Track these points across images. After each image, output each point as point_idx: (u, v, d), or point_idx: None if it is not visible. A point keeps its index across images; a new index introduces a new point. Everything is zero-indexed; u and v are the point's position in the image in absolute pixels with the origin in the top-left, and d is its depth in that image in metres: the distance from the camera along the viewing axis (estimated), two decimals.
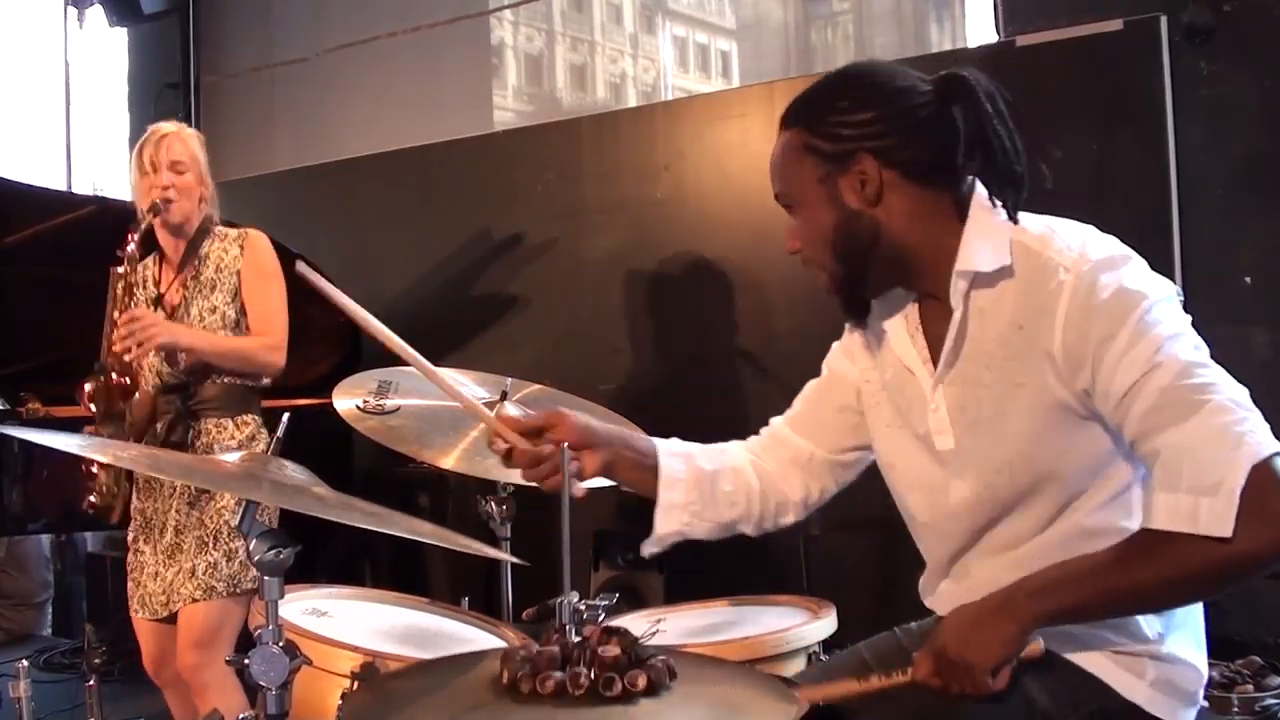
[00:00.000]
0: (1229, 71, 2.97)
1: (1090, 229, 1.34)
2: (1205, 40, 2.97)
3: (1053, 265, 1.29)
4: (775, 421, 1.68)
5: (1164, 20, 2.98)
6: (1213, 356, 1.24)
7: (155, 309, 2.48)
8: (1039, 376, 1.30)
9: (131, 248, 2.46)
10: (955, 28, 3.76)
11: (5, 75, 5.51)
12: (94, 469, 2.45)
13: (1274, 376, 2.70)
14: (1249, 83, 2.95)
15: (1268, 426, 1.17)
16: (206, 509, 2.43)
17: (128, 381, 2.43)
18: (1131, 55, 3.01)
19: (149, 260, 2.60)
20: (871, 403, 1.53)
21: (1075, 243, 1.30)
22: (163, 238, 2.57)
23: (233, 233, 2.62)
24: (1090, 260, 1.27)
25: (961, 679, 1.26)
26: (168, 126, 2.58)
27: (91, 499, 2.46)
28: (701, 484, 1.57)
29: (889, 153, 1.34)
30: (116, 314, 2.43)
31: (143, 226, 2.47)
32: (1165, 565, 1.19)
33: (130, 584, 2.50)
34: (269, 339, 2.53)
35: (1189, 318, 1.28)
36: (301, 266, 1.37)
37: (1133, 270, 1.27)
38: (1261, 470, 1.13)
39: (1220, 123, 2.97)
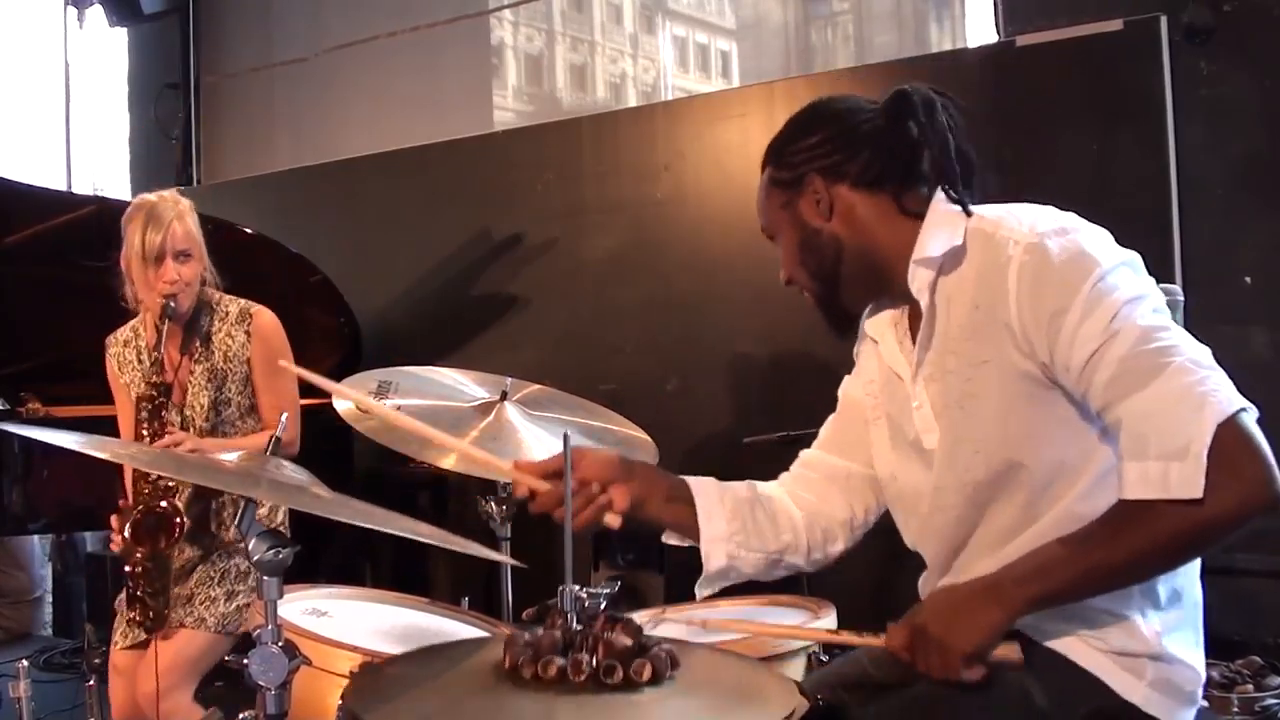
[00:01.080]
0: (1229, 71, 2.97)
1: (1047, 208, 1.37)
2: (1205, 40, 2.97)
3: (1004, 240, 1.32)
4: (804, 452, 1.67)
5: (1164, 20, 2.98)
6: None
7: (167, 398, 2.37)
8: (1000, 350, 1.32)
9: (159, 361, 2.34)
10: (955, 28, 3.76)
11: (5, 75, 5.51)
12: (140, 594, 2.34)
13: (1274, 376, 2.70)
14: (1249, 83, 2.95)
15: (1231, 384, 1.18)
16: (216, 549, 2.42)
17: (176, 517, 2.29)
18: (1131, 55, 3.01)
19: (140, 335, 2.49)
20: (873, 418, 1.55)
21: (1026, 219, 1.34)
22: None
23: (235, 310, 2.48)
24: (1039, 231, 1.30)
25: (934, 659, 1.27)
26: (165, 205, 2.38)
27: (138, 619, 2.36)
28: (741, 512, 1.55)
29: (835, 169, 1.45)
30: (146, 439, 2.32)
31: (164, 340, 2.34)
32: (1143, 534, 1.19)
33: (118, 618, 2.45)
34: (286, 434, 2.47)
35: (1150, 280, 1.29)
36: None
37: (1084, 237, 1.29)
38: (1227, 428, 1.14)
39: (1220, 123, 2.97)
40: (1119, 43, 3.01)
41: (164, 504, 2.29)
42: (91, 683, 2.49)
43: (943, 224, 1.39)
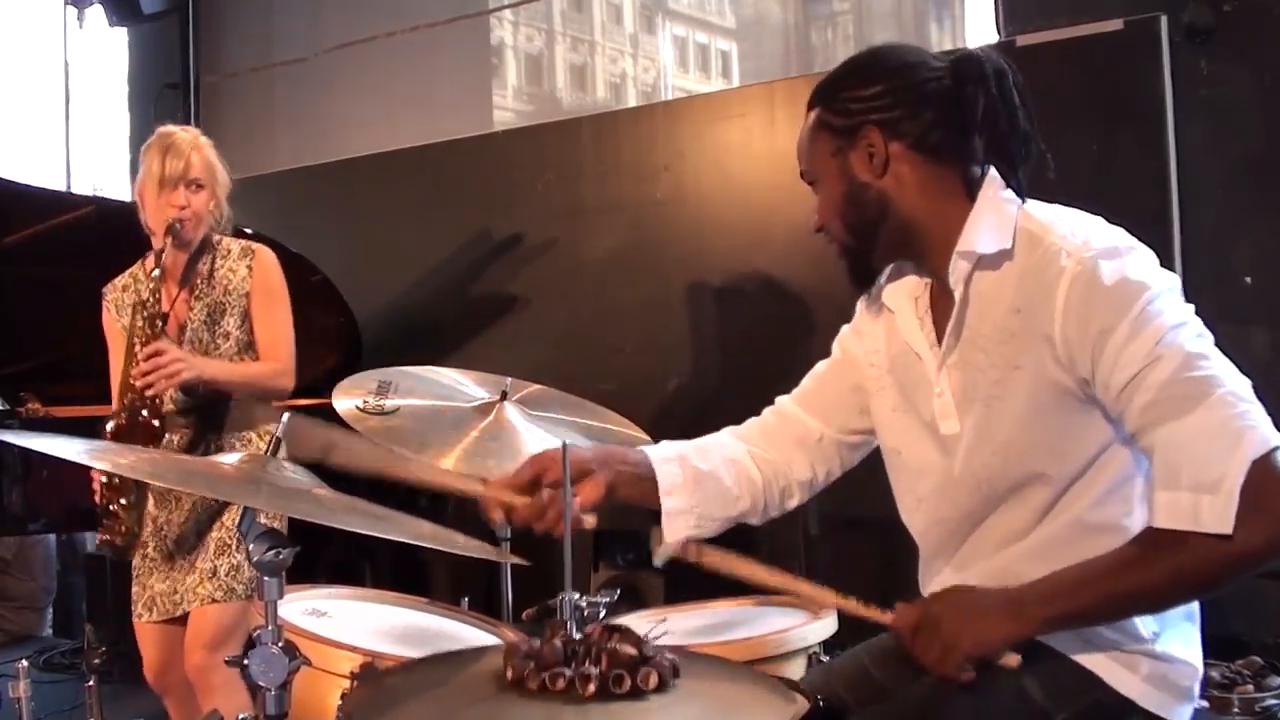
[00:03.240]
0: (1229, 71, 2.97)
1: (1097, 219, 1.35)
2: (1205, 40, 2.97)
3: (1054, 250, 1.29)
4: (782, 400, 1.66)
5: (1164, 20, 2.98)
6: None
7: (161, 326, 2.38)
8: (1037, 360, 1.30)
9: (156, 272, 2.35)
10: (955, 28, 3.76)
11: (5, 75, 5.51)
12: (114, 508, 2.36)
13: (1274, 376, 2.70)
14: (1249, 83, 2.95)
15: (1269, 420, 1.17)
16: (229, 512, 2.41)
17: (156, 424, 2.32)
18: (1131, 55, 3.01)
19: (138, 279, 2.50)
20: (876, 386, 1.53)
21: (1080, 230, 1.31)
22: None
23: (236, 248, 2.52)
24: (1093, 248, 1.27)
25: (937, 653, 1.27)
26: (185, 136, 2.44)
27: (108, 538, 2.36)
28: (702, 484, 1.55)
29: (895, 124, 1.37)
30: (138, 347, 2.33)
31: (164, 256, 2.36)
32: (1168, 565, 1.18)
33: (136, 588, 2.47)
34: (278, 364, 2.49)
35: (1189, 307, 1.27)
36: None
37: (1136, 260, 1.27)
38: (1262, 465, 1.12)
39: (1220, 123, 2.97)
40: (1119, 43, 3.01)
41: (145, 412, 2.32)
42: (91, 683, 2.49)
43: (993, 215, 1.35)
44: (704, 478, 1.56)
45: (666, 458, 1.57)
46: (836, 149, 1.41)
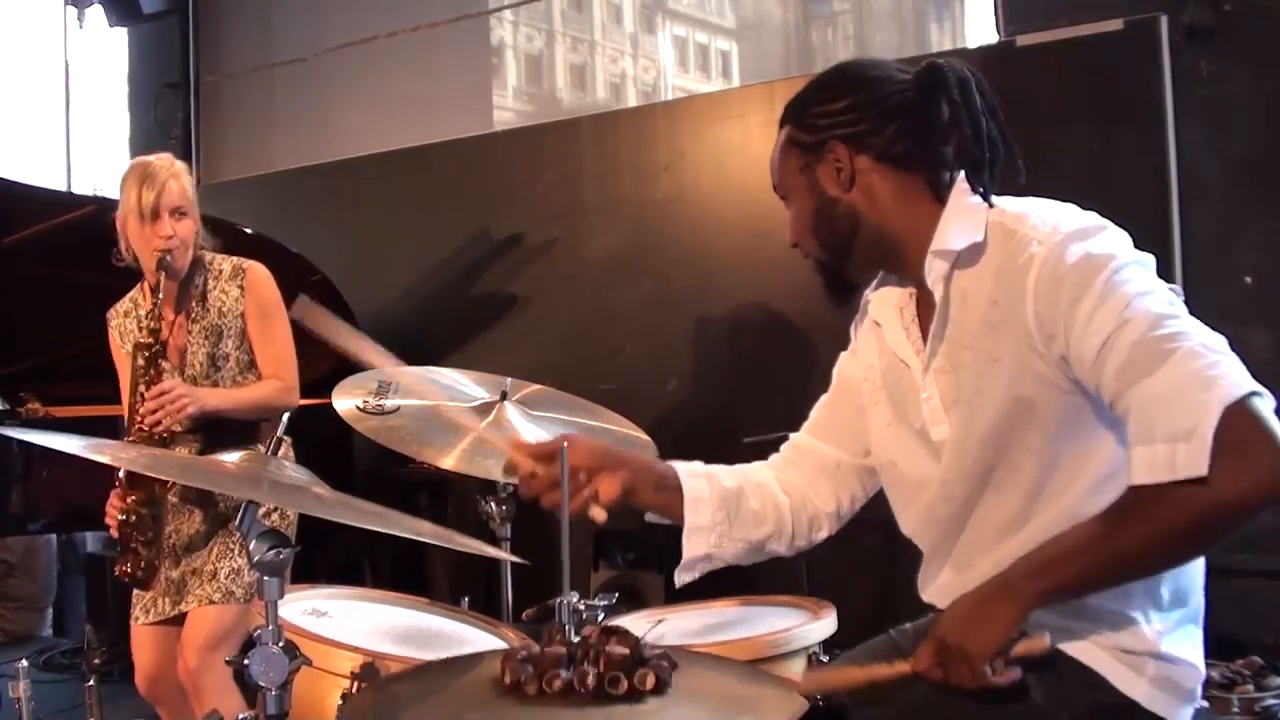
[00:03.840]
0: (1229, 71, 2.97)
1: (1070, 207, 1.35)
2: (1205, 40, 2.98)
3: (1026, 239, 1.30)
4: (795, 436, 1.67)
5: (1164, 20, 2.98)
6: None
7: (160, 357, 2.39)
8: (1016, 349, 1.30)
9: (156, 311, 2.36)
10: (955, 28, 3.76)
11: (5, 75, 5.51)
12: (134, 545, 2.35)
13: (1274, 376, 2.70)
14: (1249, 83, 2.95)
15: (1243, 367, 1.16)
16: (227, 515, 2.41)
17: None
18: (1131, 55, 3.01)
19: (139, 304, 2.51)
20: (871, 401, 1.53)
21: (1050, 218, 1.31)
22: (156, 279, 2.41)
23: (228, 267, 2.51)
24: (1061, 232, 1.28)
25: (961, 670, 1.24)
26: (161, 165, 2.43)
27: (128, 570, 2.35)
28: (727, 503, 1.55)
29: (860, 139, 1.39)
30: (142, 386, 2.34)
31: (160, 290, 2.36)
32: (1153, 521, 1.17)
33: (136, 590, 2.49)
34: (283, 382, 2.49)
35: (1160, 283, 1.27)
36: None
37: (1103, 237, 1.28)
38: (1236, 410, 1.11)
39: (1220, 123, 2.98)
40: (1119, 43, 3.01)
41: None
42: (91, 683, 2.48)
43: (964, 214, 1.36)
44: (729, 496, 1.55)
45: (695, 473, 1.56)
46: (804, 165, 1.44)
